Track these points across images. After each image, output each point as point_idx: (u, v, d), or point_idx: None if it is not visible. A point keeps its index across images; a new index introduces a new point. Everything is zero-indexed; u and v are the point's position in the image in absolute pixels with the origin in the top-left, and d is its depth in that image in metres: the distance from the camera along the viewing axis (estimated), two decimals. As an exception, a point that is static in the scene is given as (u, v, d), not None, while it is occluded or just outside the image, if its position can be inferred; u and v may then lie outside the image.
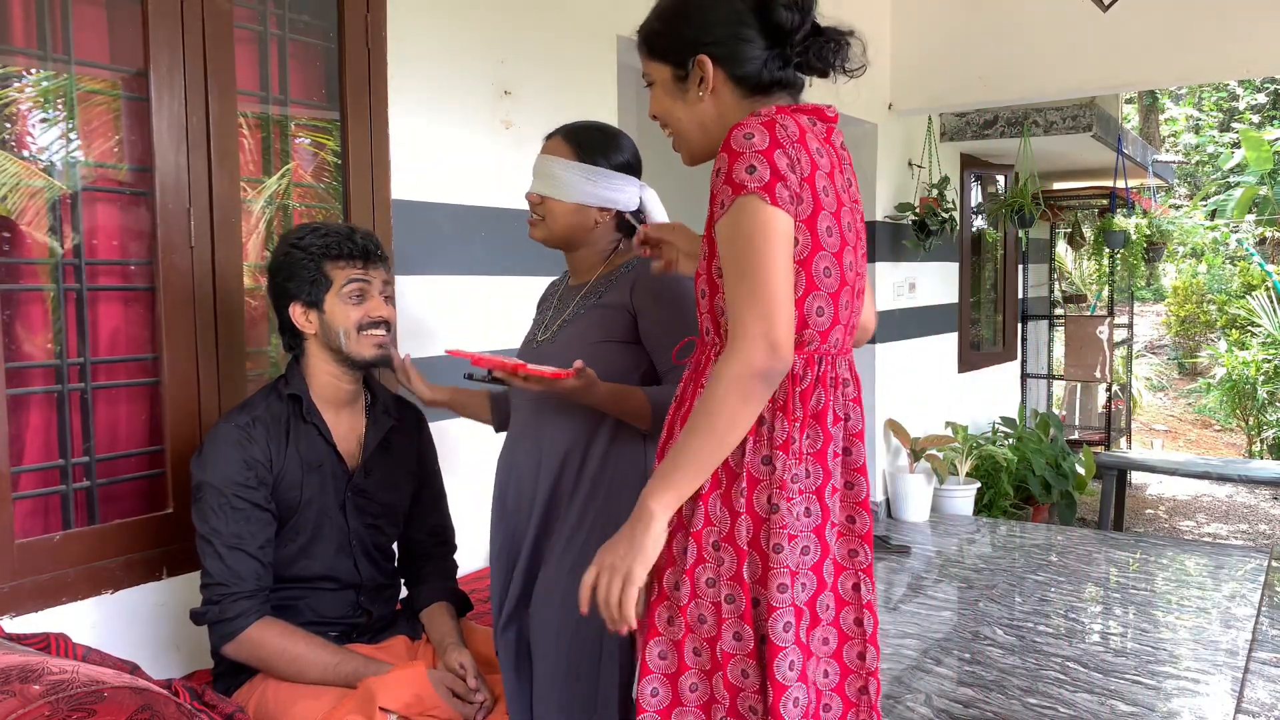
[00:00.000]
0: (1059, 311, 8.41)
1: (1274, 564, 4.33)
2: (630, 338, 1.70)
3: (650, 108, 1.43)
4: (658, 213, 1.81)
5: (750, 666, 1.25)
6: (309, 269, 1.72)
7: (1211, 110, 15.55)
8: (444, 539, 2.00)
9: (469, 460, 2.60)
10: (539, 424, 1.72)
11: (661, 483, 1.23)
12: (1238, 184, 12.76)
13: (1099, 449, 7.09)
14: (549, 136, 1.78)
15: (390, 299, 1.81)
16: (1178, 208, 12.93)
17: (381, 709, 1.53)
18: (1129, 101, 13.77)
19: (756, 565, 1.25)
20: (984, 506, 5.51)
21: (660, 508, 1.22)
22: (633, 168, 1.78)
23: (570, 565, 1.64)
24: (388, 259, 1.82)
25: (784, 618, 1.24)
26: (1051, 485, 5.70)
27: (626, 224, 1.79)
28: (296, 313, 1.74)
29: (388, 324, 1.78)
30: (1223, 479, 5.70)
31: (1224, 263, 11.51)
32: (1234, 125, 14.59)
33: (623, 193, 1.75)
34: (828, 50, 1.34)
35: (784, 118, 1.26)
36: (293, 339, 1.78)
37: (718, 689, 1.27)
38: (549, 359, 1.69)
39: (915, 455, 5.09)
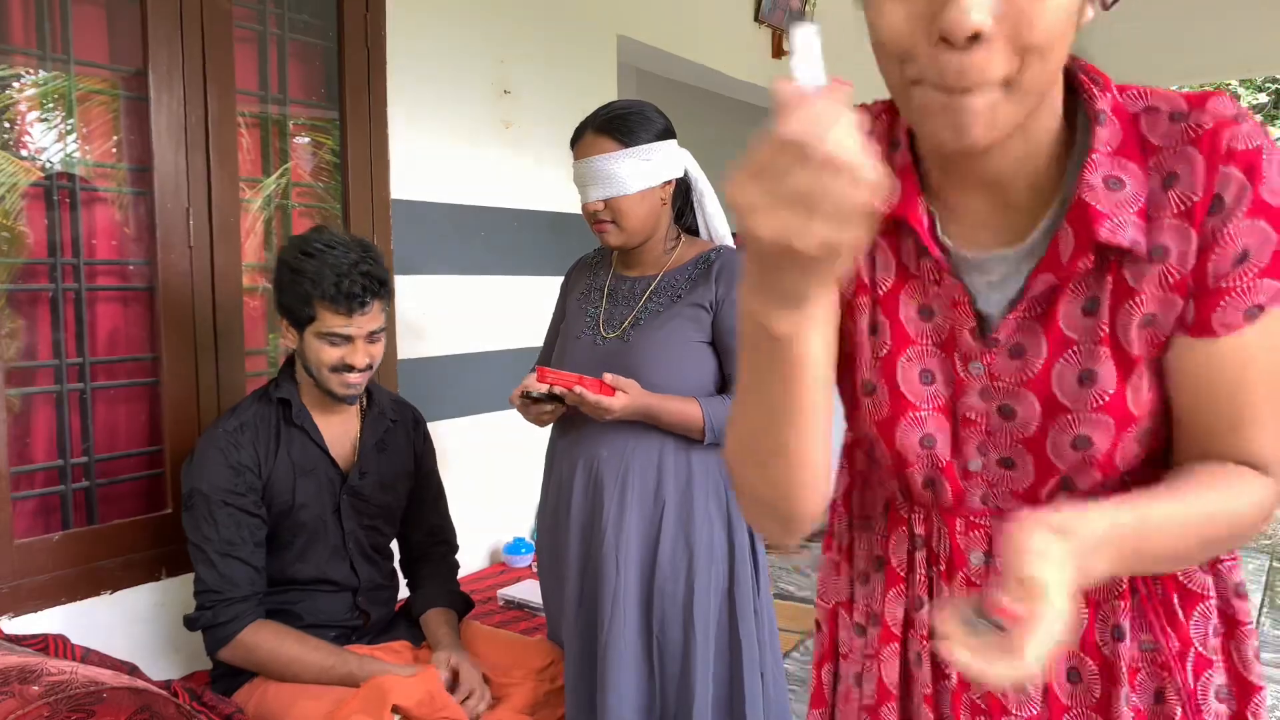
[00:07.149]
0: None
1: (1274, 564, 4.33)
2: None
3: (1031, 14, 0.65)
4: (697, 171, 1.72)
5: None
6: (299, 295, 1.67)
7: (1212, 110, 15.54)
8: (443, 538, 1.99)
9: (468, 460, 2.60)
10: (612, 426, 1.63)
11: (1121, 560, 0.71)
12: (1238, 184, 12.75)
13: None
14: (578, 139, 1.64)
15: (377, 338, 1.73)
16: (1178, 208, 12.92)
17: (395, 707, 1.53)
18: (1129, 101, 13.74)
19: None
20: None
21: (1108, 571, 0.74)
22: (671, 130, 1.65)
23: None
24: (387, 292, 1.72)
25: None
26: (1051, 485, 5.70)
27: (679, 194, 1.69)
28: (282, 323, 1.75)
29: (370, 365, 1.73)
30: (1223, 479, 5.70)
31: (1224, 263, 11.49)
32: (1234, 125, 14.59)
33: (675, 159, 1.63)
34: None
35: None
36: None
37: None
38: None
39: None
